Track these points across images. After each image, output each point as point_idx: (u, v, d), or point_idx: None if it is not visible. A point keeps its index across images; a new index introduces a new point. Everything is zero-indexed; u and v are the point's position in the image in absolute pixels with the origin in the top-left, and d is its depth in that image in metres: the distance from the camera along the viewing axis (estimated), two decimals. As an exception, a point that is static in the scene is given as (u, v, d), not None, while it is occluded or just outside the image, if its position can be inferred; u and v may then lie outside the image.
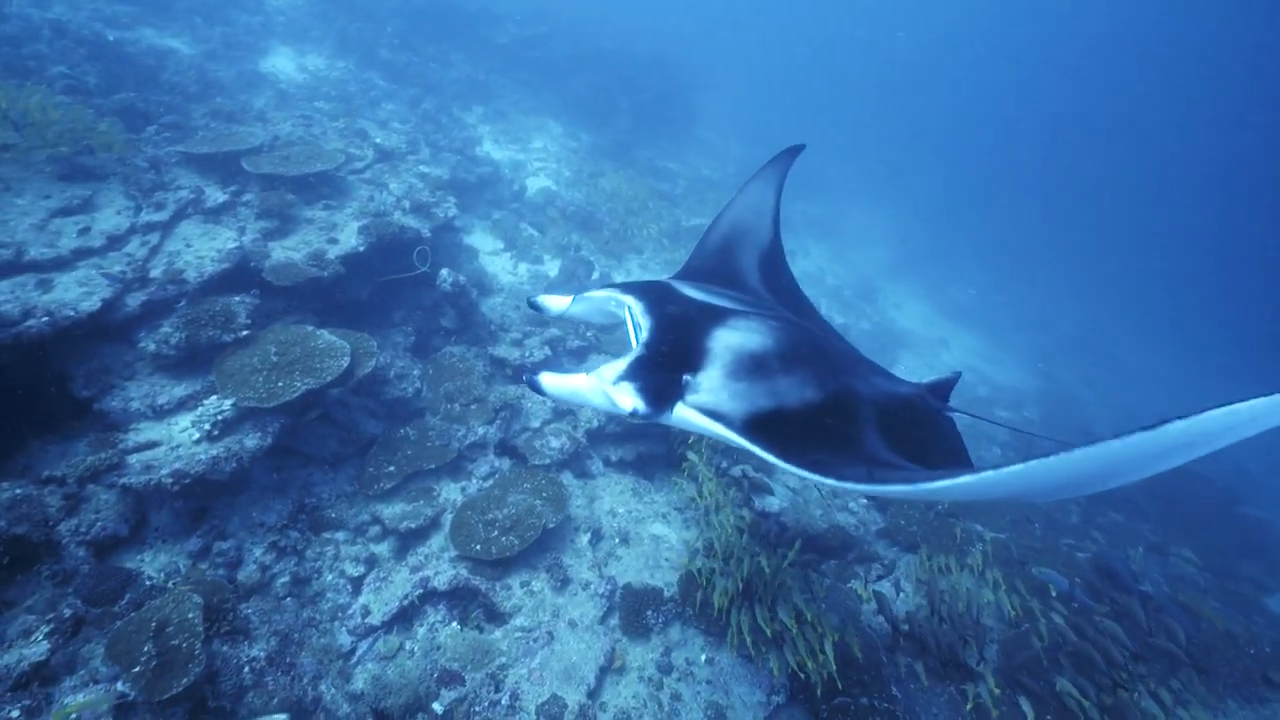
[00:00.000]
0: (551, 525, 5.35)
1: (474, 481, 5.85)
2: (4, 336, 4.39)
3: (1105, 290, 32.75)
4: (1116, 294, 33.06)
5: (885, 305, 18.97)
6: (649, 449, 6.84)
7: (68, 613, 3.66)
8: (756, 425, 2.21)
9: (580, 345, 8.09)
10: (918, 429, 2.75)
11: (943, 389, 3.15)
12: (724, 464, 7.46)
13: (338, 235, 6.72)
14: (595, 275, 10.83)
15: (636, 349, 2.36)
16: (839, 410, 2.46)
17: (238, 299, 5.65)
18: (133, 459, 4.51)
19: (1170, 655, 5.78)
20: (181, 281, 5.53)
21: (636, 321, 2.52)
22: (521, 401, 6.80)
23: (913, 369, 15.57)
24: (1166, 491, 10.22)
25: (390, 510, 5.37)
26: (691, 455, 6.56)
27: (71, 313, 4.76)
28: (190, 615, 3.73)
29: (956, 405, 3.16)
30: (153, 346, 5.09)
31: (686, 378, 2.27)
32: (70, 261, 5.28)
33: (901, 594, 6.42)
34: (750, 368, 2.33)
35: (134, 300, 5.23)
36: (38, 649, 3.41)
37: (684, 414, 2.24)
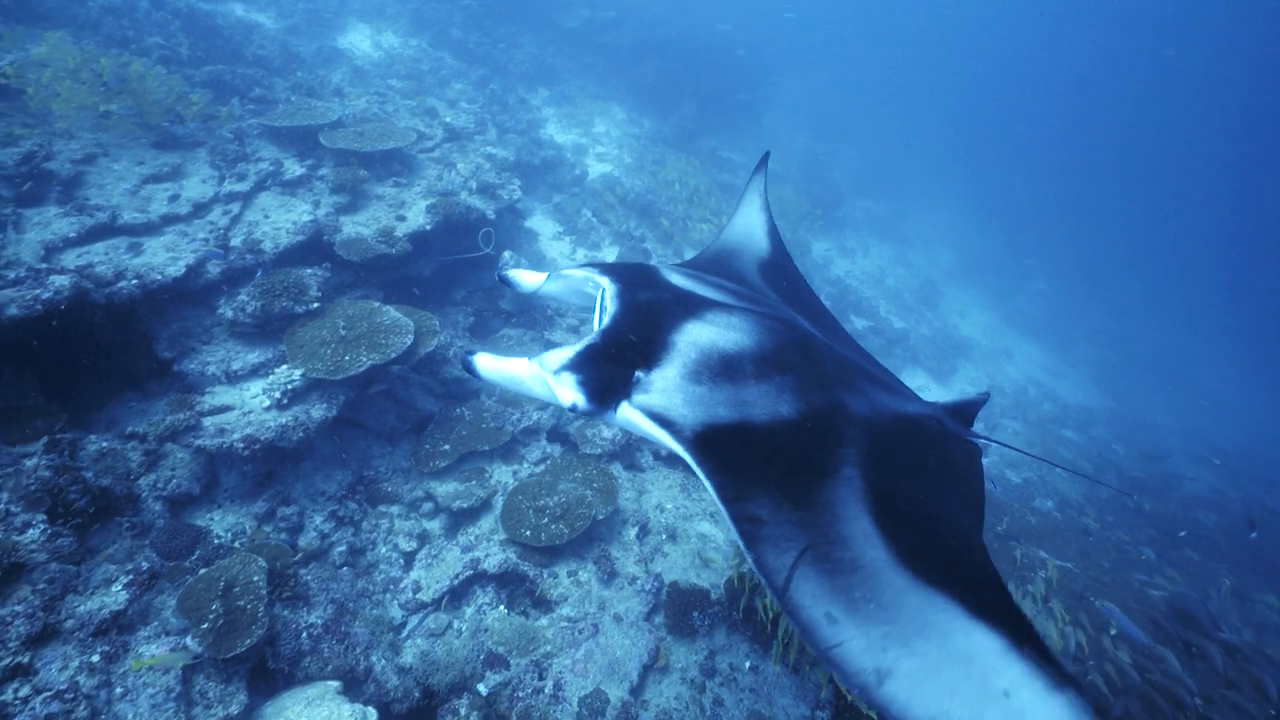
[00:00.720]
0: (601, 517, 5.31)
1: (526, 466, 5.87)
2: (98, 296, 4.60)
3: (1188, 306, 30.68)
4: (1201, 311, 30.91)
5: (947, 311, 18.22)
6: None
7: (145, 565, 3.83)
8: (709, 440, 1.88)
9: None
10: (924, 456, 2.37)
11: (966, 410, 2.73)
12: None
13: (406, 213, 6.81)
14: (652, 263, 10.72)
15: (590, 336, 2.12)
16: (817, 431, 2.07)
17: (310, 271, 5.79)
18: (208, 421, 4.69)
19: (1247, 712, 5.35)
20: (259, 251, 5.69)
21: (604, 305, 2.28)
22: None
23: (973, 380, 14.92)
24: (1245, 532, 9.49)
25: (444, 488, 5.44)
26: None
27: (159, 277, 4.95)
28: (255, 578, 3.85)
29: (1016, 421, 2.92)
30: (230, 313, 5.26)
31: (639, 374, 1.99)
32: (159, 227, 5.50)
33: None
34: (717, 370, 2.04)
35: (215, 268, 5.41)
36: (117, 598, 3.57)
37: (628, 415, 1.95)
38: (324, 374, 4.97)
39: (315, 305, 5.45)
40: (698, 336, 2.12)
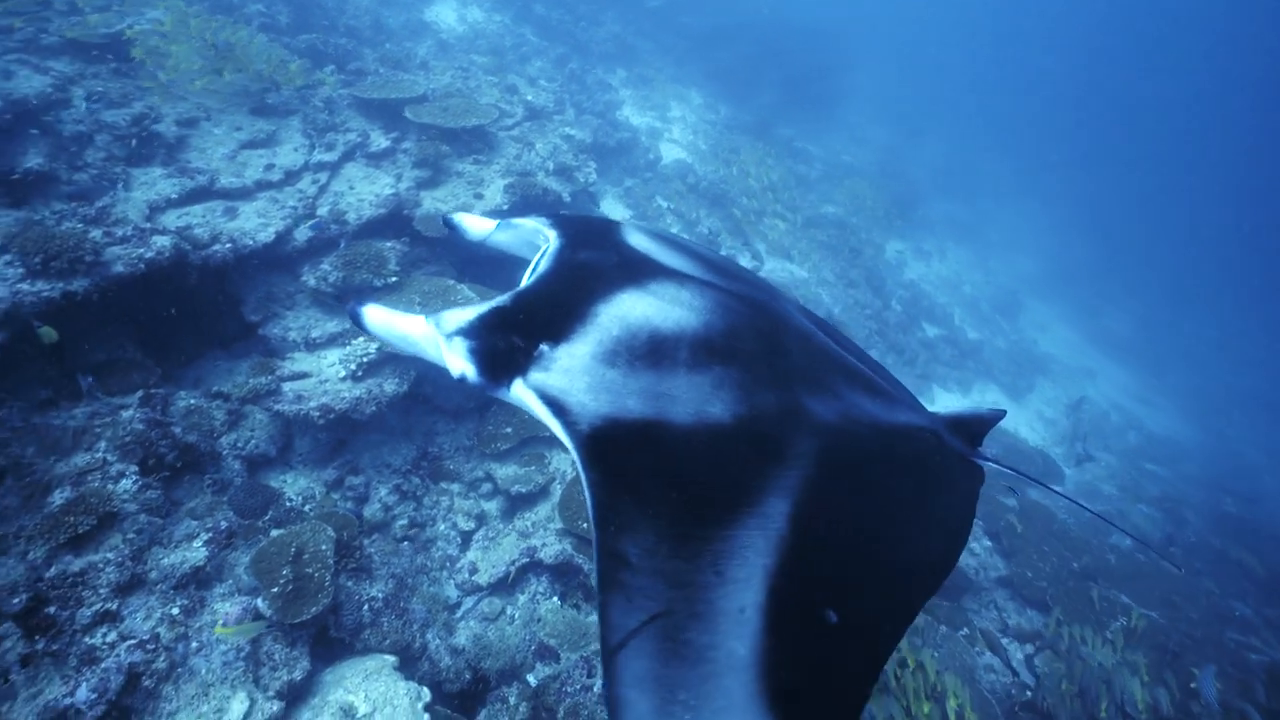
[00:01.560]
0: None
1: (585, 456, 5.82)
2: (195, 258, 4.75)
3: (1299, 340, 28.01)
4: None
5: (1026, 324, 17.18)
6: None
7: (224, 524, 3.96)
8: (608, 438, 1.57)
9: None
10: (901, 476, 1.97)
11: (973, 426, 2.28)
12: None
13: (484, 191, 6.80)
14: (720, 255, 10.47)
15: (501, 298, 1.86)
16: (752, 441, 1.69)
17: (389, 245, 5.85)
18: (287, 387, 4.81)
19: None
20: (343, 222, 5.78)
21: (537, 263, 2.02)
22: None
23: (1050, 400, 14.04)
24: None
25: (504, 471, 5.45)
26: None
27: (251, 241, 5.09)
28: (324, 547, 3.93)
29: (1107, 452, 2.51)
30: (313, 282, 5.37)
31: (544, 347, 1.71)
32: (252, 192, 5.66)
33: (1022, 656, 5.79)
34: (641, 352, 1.72)
35: (301, 235, 5.53)
36: (197, 554, 3.71)
37: (520, 394, 1.68)
38: (398, 349, 5.02)
39: (393, 279, 5.51)
40: (629, 309, 1.80)
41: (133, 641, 3.16)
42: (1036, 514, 7.65)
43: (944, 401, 11.61)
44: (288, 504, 4.51)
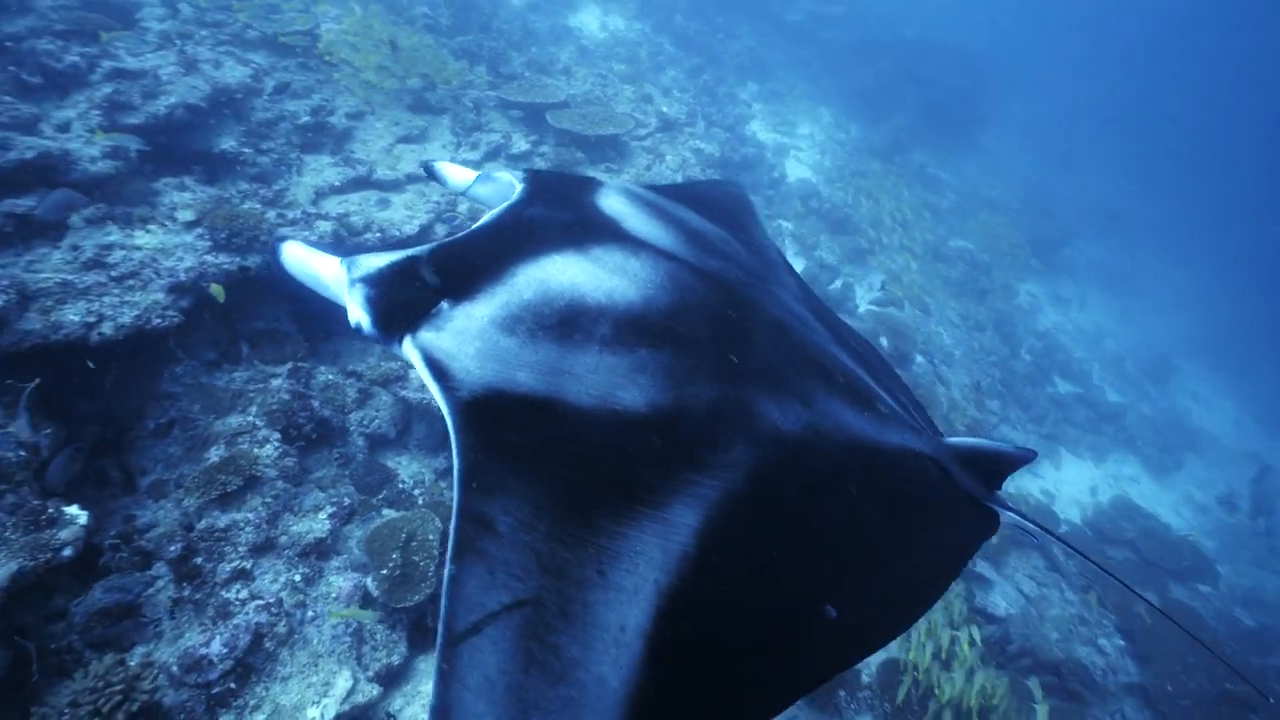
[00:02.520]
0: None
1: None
2: (349, 245, 5.08)
3: None
4: None
5: (1179, 391, 15.24)
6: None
7: (346, 500, 4.18)
8: (488, 409, 1.40)
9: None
10: (867, 508, 1.62)
11: (989, 464, 1.85)
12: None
13: (612, 200, 6.85)
14: (836, 285, 10.03)
15: (421, 248, 1.73)
16: (667, 435, 1.44)
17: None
18: (412, 374, 5.03)
19: None
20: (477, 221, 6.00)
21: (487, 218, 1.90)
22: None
23: (1203, 482, 12.34)
24: None
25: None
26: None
27: (397, 233, 5.38)
28: (431, 537, 4.05)
29: (1275, 528, 1.91)
30: (446, 275, 5.61)
31: (444, 305, 1.57)
32: (403, 185, 6.00)
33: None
34: (550, 322, 1.53)
35: (440, 231, 5.79)
36: (322, 525, 3.93)
37: (409, 352, 1.55)
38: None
39: (520, 280, 5.64)
40: (554, 274, 1.62)
41: (260, 602, 3.38)
42: (1180, 616, 6.69)
43: (1072, 470, 10.50)
44: (400, 485, 4.71)
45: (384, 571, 3.84)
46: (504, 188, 2.22)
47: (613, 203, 2.01)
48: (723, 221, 2.45)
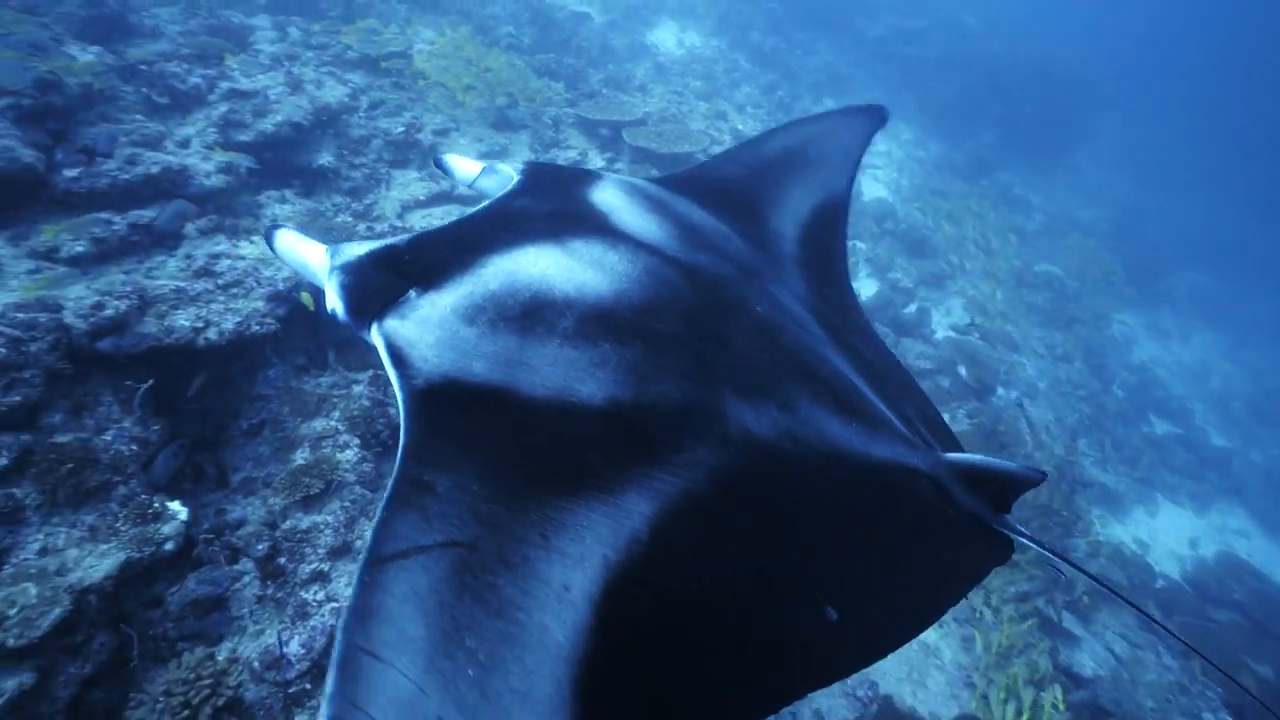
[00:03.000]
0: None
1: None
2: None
3: None
4: None
5: (1296, 439, 13.79)
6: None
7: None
8: (442, 399, 1.40)
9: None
10: (846, 523, 1.53)
11: (993, 483, 1.68)
12: (1025, 586, 6.06)
13: (685, 218, 6.83)
14: (911, 309, 9.63)
15: (402, 236, 1.73)
16: (624, 430, 1.42)
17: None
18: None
19: None
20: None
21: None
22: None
23: (1323, 544, 11.07)
24: None
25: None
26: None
27: (476, 247, 5.53)
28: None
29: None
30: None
31: (412, 293, 1.56)
32: (482, 199, 6.17)
33: None
34: (512, 313, 1.52)
35: (517, 244, 5.91)
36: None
37: (375, 339, 1.53)
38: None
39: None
40: (524, 265, 1.60)
41: (336, 605, 3.49)
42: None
43: (1170, 518, 9.64)
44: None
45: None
46: (505, 180, 2.21)
47: (606, 195, 1.97)
48: (775, 190, 2.40)
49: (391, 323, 1.53)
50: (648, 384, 1.48)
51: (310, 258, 1.76)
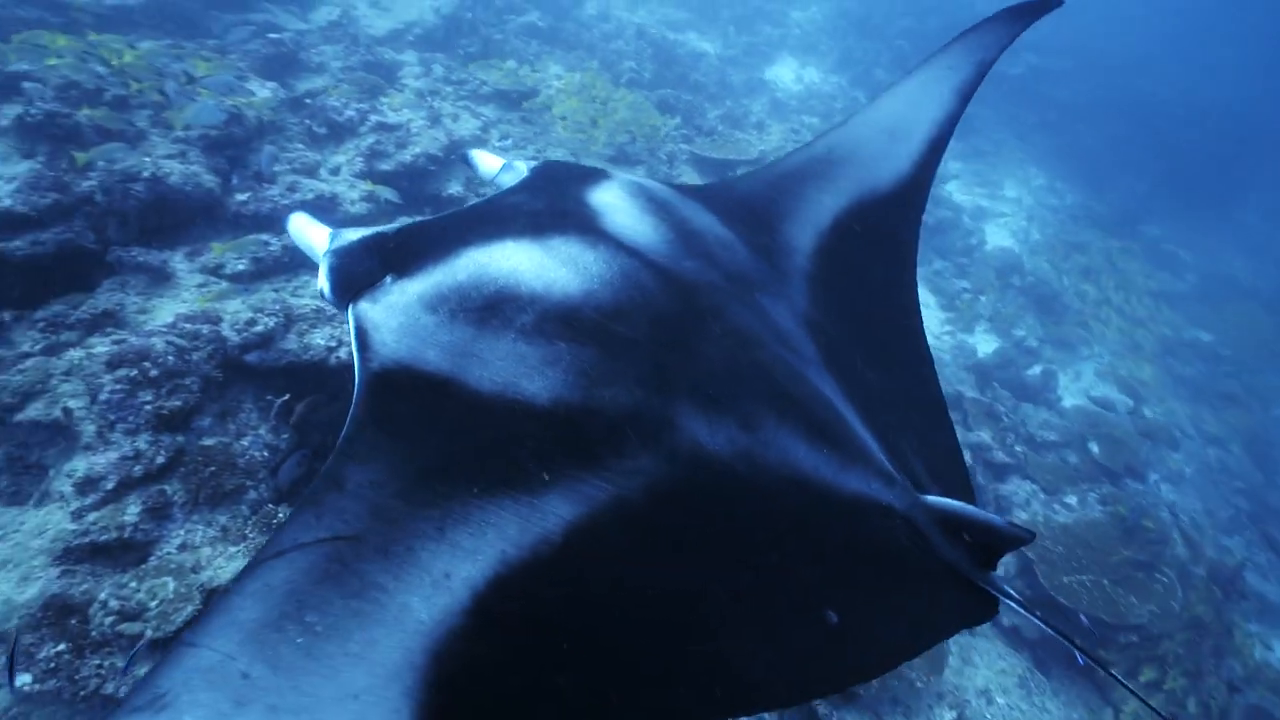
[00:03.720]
0: (920, 685, 4.39)
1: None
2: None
3: None
4: None
5: None
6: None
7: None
8: (393, 383, 1.43)
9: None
10: (793, 552, 1.46)
11: (975, 533, 1.55)
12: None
13: (795, 262, 6.63)
14: (1035, 370, 8.82)
15: (391, 225, 1.79)
16: (560, 430, 1.40)
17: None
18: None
19: None
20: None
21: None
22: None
23: None
24: None
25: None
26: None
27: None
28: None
29: None
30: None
31: (388, 279, 1.60)
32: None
33: None
34: (474, 304, 1.52)
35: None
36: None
37: (350, 319, 1.57)
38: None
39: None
40: (497, 258, 1.60)
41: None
42: None
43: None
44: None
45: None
46: (518, 175, 2.21)
47: (606, 195, 1.92)
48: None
49: (363, 305, 1.58)
50: (597, 387, 1.46)
51: (314, 240, 1.82)
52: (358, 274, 1.64)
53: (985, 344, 9.12)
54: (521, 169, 2.22)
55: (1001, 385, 8.13)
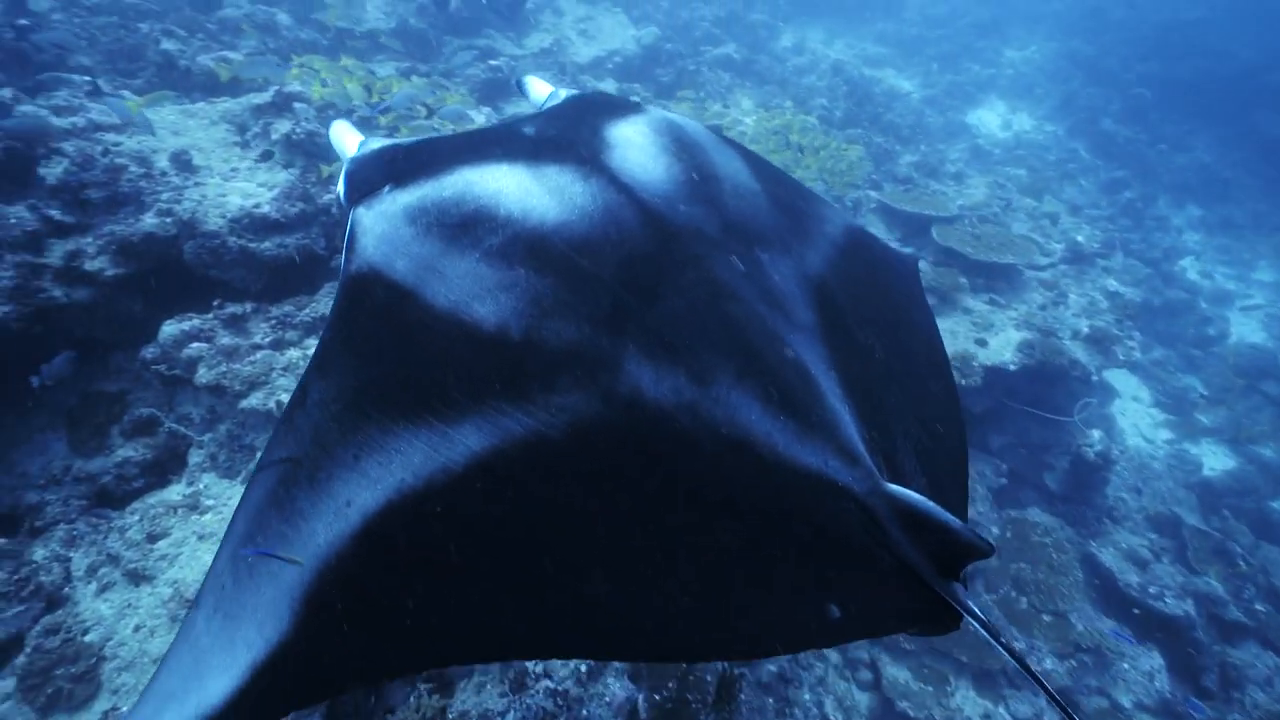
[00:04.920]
0: None
1: (1004, 717, 4.45)
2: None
3: None
4: None
5: None
6: None
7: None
8: (363, 287, 1.46)
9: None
10: (719, 515, 1.33)
11: (935, 534, 1.32)
12: None
13: (989, 338, 5.86)
14: (1283, 504, 7.10)
15: (414, 139, 1.81)
16: (496, 356, 1.36)
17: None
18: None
19: None
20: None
21: None
22: (1109, 653, 4.83)
23: None
24: None
25: (896, 676, 4.54)
26: None
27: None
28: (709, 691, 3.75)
29: None
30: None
31: (387, 188, 1.60)
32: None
33: None
34: (449, 222, 1.50)
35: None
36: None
37: (348, 221, 1.60)
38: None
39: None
40: (484, 180, 1.57)
41: (550, 685, 3.49)
42: None
43: None
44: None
45: (656, 696, 3.66)
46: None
47: (627, 130, 1.84)
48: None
49: (360, 210, 1.63)
50: (545, 317, 1.42)
51: (346, 145, 1.89)
52: (365, 181, 1.70)
53: (1216, 459, 7.53)
54: (563, 95, 2.23)
55: (1235, 516, 6.63)
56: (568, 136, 1.82)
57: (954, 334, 5.88)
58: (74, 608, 3.21)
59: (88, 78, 4.70)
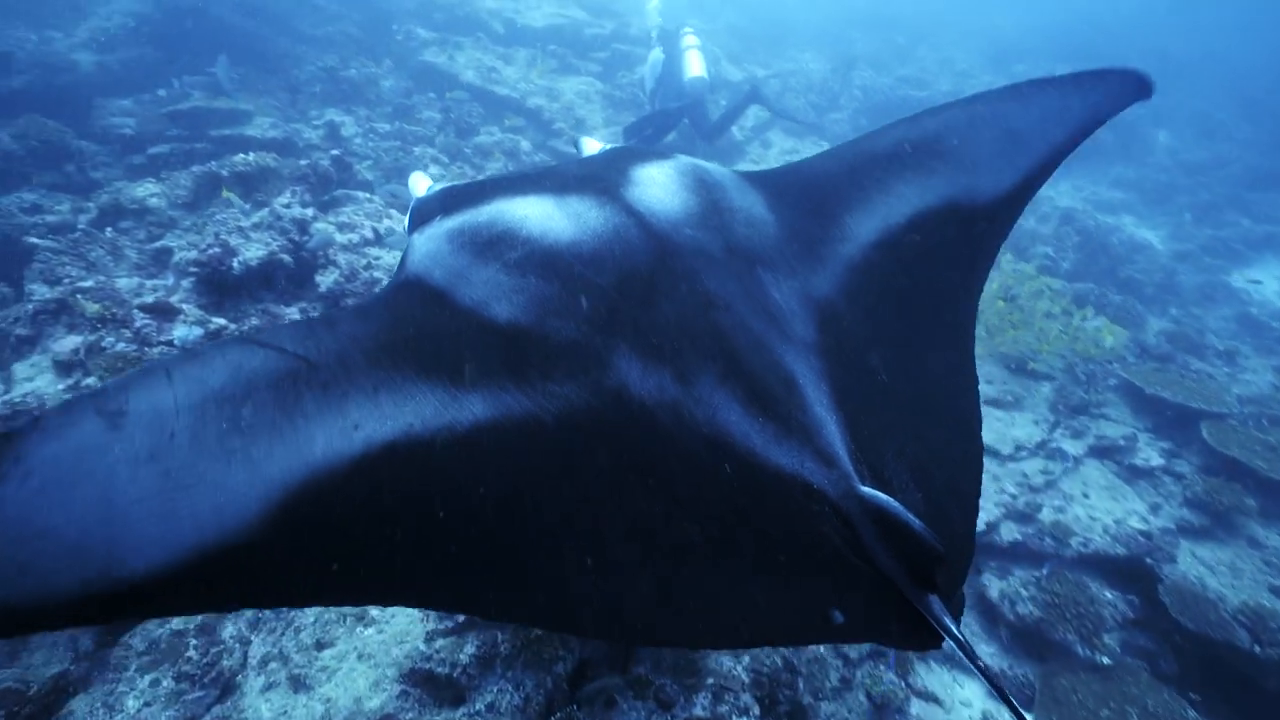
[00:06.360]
0: None
1: None
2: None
3: None
4: None
5: None
6: None
7: None
8: (406, 290, 1.70)
9: None
10: (690, 509, 1.45)
11: (905, 541, 1.36)
12: None
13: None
14: None
15: (466, 182, 2.12)
16: (501, 344, 1.55)
17: (1109, 598, 4.37)
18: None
19: None
20: (1062, 541, 4.65)
21: None
22: None
23: None
24: None
25: None
26: None
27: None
28: None
29: None
30: (994, 595, 4.44)
31: (438, 217, 1.85)
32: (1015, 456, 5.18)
33: None
34: (480, 240, 1.72)
35: (1007, 534, 4.69)
36: None
37: (408, 246, 1.89)
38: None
39: (1107, 661, 4.02)
40: (515, 208, 1.79)
41: None
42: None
43: None
44: None
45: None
46: None
47: (652, 171, 1.96)
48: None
49: (415, 236, 1.89)
50: (549, 317, 1.58)
51: (417, 189, 2.24)
52: (425, 215, 1.93)
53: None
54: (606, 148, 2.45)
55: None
56: (597, 174, 1.97)
57: (1237, 571, 4.56)
58: (240, 700, 3.31)
59: (369, 194, 5.53)
